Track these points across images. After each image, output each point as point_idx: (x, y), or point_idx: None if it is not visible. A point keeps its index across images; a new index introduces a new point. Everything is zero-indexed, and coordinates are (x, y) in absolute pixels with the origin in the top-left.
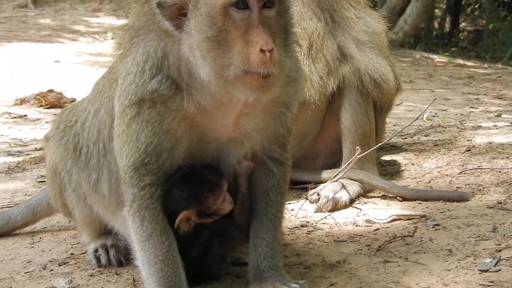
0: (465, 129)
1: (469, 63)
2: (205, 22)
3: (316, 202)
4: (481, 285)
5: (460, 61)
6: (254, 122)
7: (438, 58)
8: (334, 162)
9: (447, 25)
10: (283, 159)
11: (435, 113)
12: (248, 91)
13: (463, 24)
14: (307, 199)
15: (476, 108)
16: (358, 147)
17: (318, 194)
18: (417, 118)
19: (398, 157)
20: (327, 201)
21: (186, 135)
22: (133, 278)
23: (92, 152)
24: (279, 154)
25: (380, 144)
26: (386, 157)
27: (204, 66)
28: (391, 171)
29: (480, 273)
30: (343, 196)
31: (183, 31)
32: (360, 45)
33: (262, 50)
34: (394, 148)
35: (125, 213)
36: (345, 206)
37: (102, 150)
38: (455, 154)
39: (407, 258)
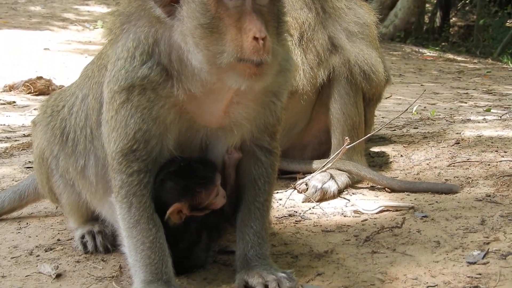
0: (454, 122)
1: (459, 58)
2: (198, 9)
3: (304, 192)
4: (468, 277)
5: (450, 56)
6: (244, 111)
7: (428, 53)
8: (323, 152)
9: (438, 20)
10: (271, 148)
11: (424, 107)
12: (240, 79)
13: (453, 19)
14: (295, 189)
15: (465, 103)
16: (347, 138)
17: (306, 184)
18: (407, 110)
19: (387, 149)
20: (315, 191)
21: (175, 122)
22: (120, 264)
23: (79, 137)
24: (268, 143)
25: (369, 134)
26: (375, 149)
27: (197, 53)
28: (379, 162)
29: (468, 265)
30: (332, 187)
31: (175, 18)
32: (350, 36)
33: (255, 38)
34: (383, 140)
35: (112, 200)
36: (333, 197)
37: (89, 136)
38: (444, 147)
39: (395, 249)
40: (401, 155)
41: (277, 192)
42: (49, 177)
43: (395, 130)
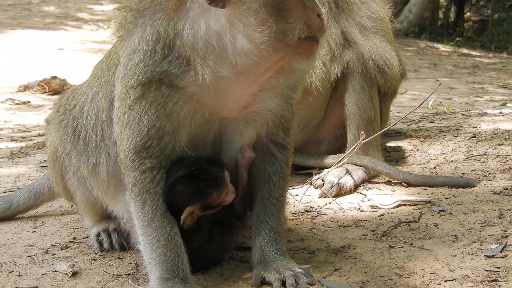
0: (470, 116)
1: (473, 53)
2: None
3: (321, 188)
4: (487, 270)
5: (465, 51)
6: (269, 100)
7: (442, 48)
8: (338, 147)
9: (452, 15)
10: (285, 144)
11: (440, 102)
12: (303, 57)
13: (468, 14)
14: (311, 184)
15: (481, 97)
16: (362, 132)
17: (322, 180)
18: (422, 104)
19: (403, 143)
20: (332, 186)
21: (189, 117)
22: (136, 262)
23: (90, 136)
24: (282, 138)
25: (385, 129)
26: (391, 143)
27: (254, 33)
28: (396, 157)
29: (486, 259)
30: (348, 182)
31: (219, 3)
32: (364, 30)
33: (318, 15)
34: (399, 135)
35: (126, 197)
36: (350, 192)
37: (100, 134)
38: (461, 141)
39: (412, 244)
40: (418, 150)
41: (293, 188)
42: (63, 174)
43: (411, 124)
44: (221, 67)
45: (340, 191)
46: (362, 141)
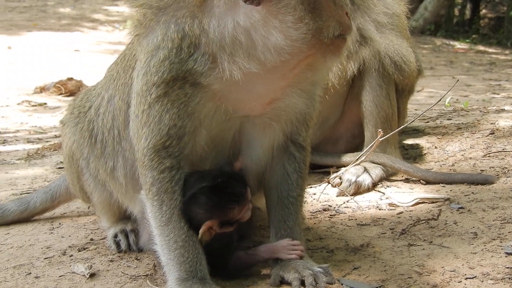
0: (488, 112)
1: (490, 50)
2: None
3: (338, 186)
4: (507, 268)
5: (481, 48)
6: (291, 97)
7: (459, 45)
8: (356, 146)
9: (468, 12)
10: (304, 144)
11: (457, 99)
12: (334, 55)
13: (483, 11)
14: (329, 183)
15: (498, 94)
16: (380, 130)
17: (340, 178)
18: (439, 101)
19: (421, 141)
20: (350, 184)
21: (210, 115)
22: (154, 263)
23: (107, 139)
24: (303, 138)
25: (402, 126)
26: (409, 141)
27: (290, 30)
28: (414, 154)
29: (506, 256)
30: (366, 180)
31: (254, 1)
32: (380, 27)
33: (346, 13)
34: (417, 132)
35: (142, 197)
36: (368, 190)
37: (117, 138)
38: (479, 137)
39: (431, 242)
40: (435, 147)
41: (311, 187)
42: (79, 176)
43: (428, 122)
44: (249, 63)
45: (358, 190)
46: (380, 139)
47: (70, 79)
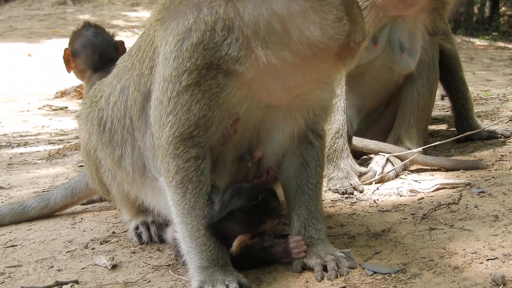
0: (507, 100)
1: (510, 46)
2: None
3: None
4: None
5: (501, 44)
6: (317, 89)
7: (478, 42)
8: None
9: (487, 10)
10: (322, 133)
11: (477, 94)
12: (353, 59)
13: (503, 8)
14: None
15: None
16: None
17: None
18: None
19: (441, 129)
20: (374, 175)
21: (239, 104)
22: (176, 253)
23: (116, 128)
24: (321, 127)
25: (449, 139)
26: (429, 129)
27: (328, 27)
28: (433, 142)
29: None
30: (390, 172)
31: None
32: None
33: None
34: (437, 121)
35: (163, 185)
36: (390, 179)
37: (129, 127)
38: (498, 124)
39: (452, 225)
40: (456, 134)
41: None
42: (98, 168)
43: (448, 111)
44: (283, 50)
45: (382, 180)
46: (416, 152)
47: None
